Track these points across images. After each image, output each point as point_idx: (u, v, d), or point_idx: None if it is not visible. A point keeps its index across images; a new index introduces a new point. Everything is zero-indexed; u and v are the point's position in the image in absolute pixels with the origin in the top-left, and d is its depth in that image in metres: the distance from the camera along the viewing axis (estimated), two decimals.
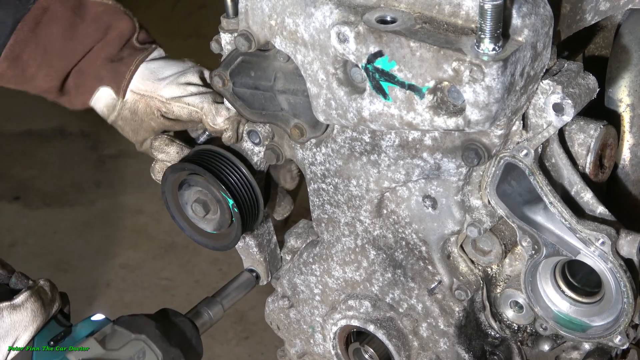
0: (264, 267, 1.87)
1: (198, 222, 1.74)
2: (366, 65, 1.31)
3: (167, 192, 1.75)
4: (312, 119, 1.48)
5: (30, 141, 5.10)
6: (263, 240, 1.84)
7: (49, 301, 1.53)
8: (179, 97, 1.73)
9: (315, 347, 1.82)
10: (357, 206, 1.56)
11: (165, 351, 1.54)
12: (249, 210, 1.68)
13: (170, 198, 1.75)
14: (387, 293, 1.63)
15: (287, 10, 1.39)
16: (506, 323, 1.59)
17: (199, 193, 1.70)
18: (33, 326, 1.49)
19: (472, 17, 1.25)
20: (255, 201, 1.67)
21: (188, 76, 1.76)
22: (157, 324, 1.57)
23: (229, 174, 1.65)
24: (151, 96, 1.75)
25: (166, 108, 1.74)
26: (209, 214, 1.71)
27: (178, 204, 1.75)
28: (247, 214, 1.67)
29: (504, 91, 1.22)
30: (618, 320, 1.42)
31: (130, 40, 1.78)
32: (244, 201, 1.66)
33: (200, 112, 1.71)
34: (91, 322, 1.57)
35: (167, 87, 1.74)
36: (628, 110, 1.54)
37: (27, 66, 1.73)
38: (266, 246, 1.85)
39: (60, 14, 1.72)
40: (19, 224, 4.45)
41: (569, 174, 1.43)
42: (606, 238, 1.36)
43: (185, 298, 4.12)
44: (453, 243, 1.53)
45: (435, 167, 1.42)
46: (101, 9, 1.75)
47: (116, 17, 1.77)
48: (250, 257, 1.87)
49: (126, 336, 1.54)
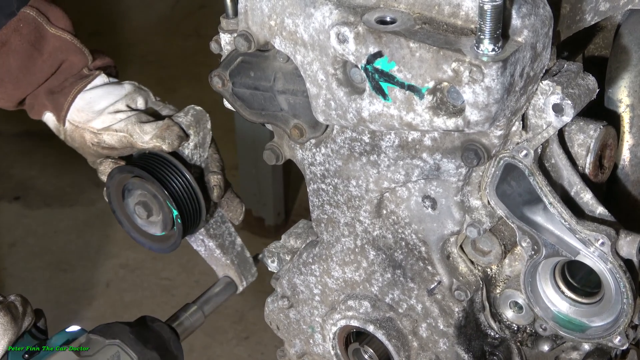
0: (234, 271, 1.88)
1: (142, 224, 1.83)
2: (366, 65, 1.31)
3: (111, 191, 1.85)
4: (311, 119, 1.48)
5: (30, 141, 5.10)
6: (224, 242, 1.87)
7: (20, 315, 1.57)
8: (107, 126, 1.83)
9: (315, 347, 1.82)
10: (356, 206, 1.57)
11: (140, 354, 1.57)
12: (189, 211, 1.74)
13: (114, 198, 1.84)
14: (387, 293, 1.63)
15: (287, 10, 1.39)
16: (506, 323, 1.59)
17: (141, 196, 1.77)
18: (4, 340, 1.53)
19: (472, 17, 1.25)
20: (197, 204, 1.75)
21: (117, 104, 1.86)
22: (132, 329, 1.63)
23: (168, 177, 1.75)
24: (83, 128, 1.86)
25: (97, 138, 1.85)
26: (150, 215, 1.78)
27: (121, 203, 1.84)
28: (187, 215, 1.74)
29: (504, 92, 1.22)
30: (618, 320, 1.42)
31: (75, 71, 1.89)
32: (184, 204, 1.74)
33: (127, 136, 1.79)
34: (66, 333, 1.61)
35: (98, 117, 1.85)
36: (628, 111, 1.54)
37: None
38: (230, 248, 1.88)
39: (18, 47, 1.83)
40: (19, 224, 4.45)
41: (568, 175, 1.43)
42: (606, 238, 1.36)
43: (185, 298, 4.11)
44: (453, 243, 1.53)
45: (434, 167, 1.42)
46: (58, 44, 1.87)
47: (70, 52, 1.88)
48: (218, 262, 1.89)
49: (100, 343, 1.58)
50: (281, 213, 4.66)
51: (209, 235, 1.85)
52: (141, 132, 1.77)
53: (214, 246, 1.86)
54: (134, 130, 1.78)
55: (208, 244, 1.88)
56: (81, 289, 4.00)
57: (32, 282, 4.06)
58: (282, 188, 4.64)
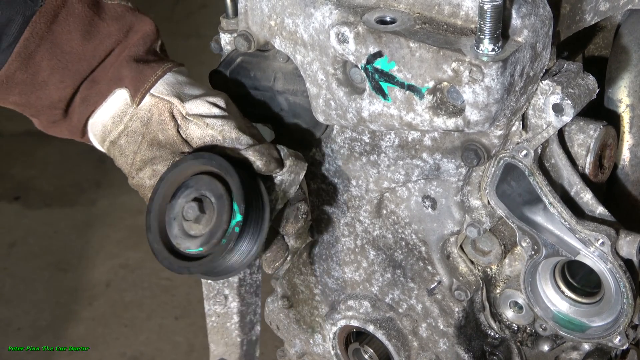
0: (237, 357, 1.55)
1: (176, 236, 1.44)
2: (366, 65, 1.31)
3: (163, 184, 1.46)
4: (311, 119, 1.48)
5: (30, 141, 5.10)
6: (246, 315, 1.53)
7: None
8: (201, 114, 1.48)
9: (315, 347, 1.82)
10: (356, 206, 1.57)
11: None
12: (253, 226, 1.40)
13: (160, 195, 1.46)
14: (387, 293, 1.63)
15: (287, 10, 1.39)
16: (506, 323, 1.59)
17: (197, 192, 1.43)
18: None
19: (472, 17, 1.25)
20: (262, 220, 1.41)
21: (217, 98, 1.51)
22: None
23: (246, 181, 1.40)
24: (172, 102, 1.49)
25: (183, 122, 1.49)
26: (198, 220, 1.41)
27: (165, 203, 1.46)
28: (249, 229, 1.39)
29: (504, 92, 1.22)
30: (617, 320, 1.42)
31: (154, 46, 1.57)
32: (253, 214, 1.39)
33: (218, 138, 1.47)
34: None
35: (193, 101, 1.49)
36: (628, 111, 1.54)
37: (39, 69, 1.49)
38: (248, 327, 1.55)
39: (78, 10, 1.50)
40: (19, 224, 4.45)
41: (568, 175, 1.43)
42: (606, 238, 1.36)
43: (185, 298, 4.12)
44: (453, 243, 1.53)
45: (434, 167, 1.42)
46: (120, 10, 1.54)
47: (138, 18, 1.56)
48: (224, 336, 1.55)
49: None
50: None
51: (239, 294, 1.51)
52: (236, 139, 1.45)
53: (235, 310, 1.52)
54: (229, 134, 1.45)
55: (230, 305, 1.52)
56: (81, 289, 3.99)
57: (32, 282, 4.06)
58: None
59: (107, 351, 3.58)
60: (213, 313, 1.55)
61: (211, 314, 1.56)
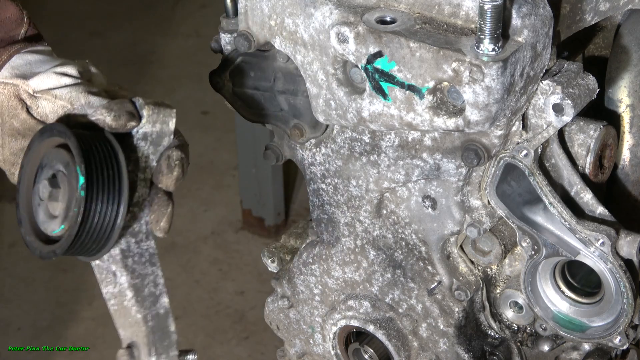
0: (143, 336, 1.40)
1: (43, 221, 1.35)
2: (366, 65, 1.31)
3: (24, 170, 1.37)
4: (311, 119, 1.48)
5: None
6: (143, 287, 1.40)
7: None
8: (48, 89, 1.40)
9: (315, 347, 1.82)
10: (356, 206, 1.57)
11: None
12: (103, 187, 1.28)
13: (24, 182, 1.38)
14: (387, 293, 1.63)
15: (287, 10, 1.39)
16: (506, 323, 1.59)
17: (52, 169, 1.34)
18: None
19: (472, 17, 1.25)
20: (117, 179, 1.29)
21: (67, 67, 1.42)
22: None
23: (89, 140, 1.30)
24: (16, 84, 1.40)
25: (32, 101, 1.40)
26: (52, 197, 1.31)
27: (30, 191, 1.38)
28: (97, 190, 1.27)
29: (504, 92, 1.22)
30: (618, 320, 1.42)
31: (15, 33, 1.49)
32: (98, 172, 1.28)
33: (68, 106, 1.39)
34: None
35: (38, 76, 1.40)
36: (628, 111, 1.54)
37: None
38: (148, 301, 1.41)
39: None
40: None
41: (568, 175, 1.43)
42: (606, 238, 1.36)
43: (185, 298, 4.11)
44: (453, 243, 1.53)
45: (434, 167, 1.42)
46: None
47: (1, 4, 1.47)
48: (126, 317, 1.41)
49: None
50: (281, 213, 4.65)
51: (125, 266, 1.36)
52: (86, 103, 1.37)
53: (126, 285, 1.37)
54: (77, 99, 1.37)
55: (119, 280, 1.38)
56: (81, 289, 3.99)
57: (32, 282, 4.06)
58: (282, 188, 4.63)
59: (107, 351, 3.57)
60: (110, 295, 1.42)
61: (109, 297, 1.42)
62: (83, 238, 1.29)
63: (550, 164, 1.44)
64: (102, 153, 1.29)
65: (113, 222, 1.30)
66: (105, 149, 1.30)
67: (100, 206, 1.28)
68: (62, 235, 1.29)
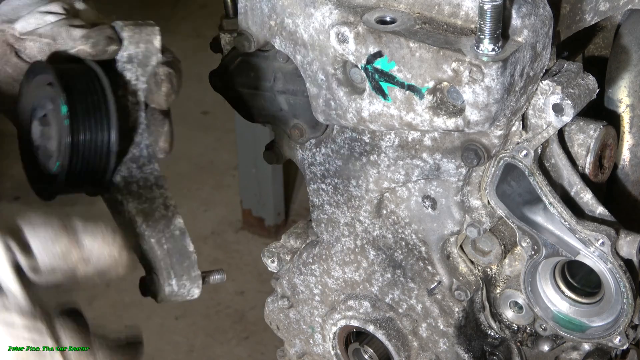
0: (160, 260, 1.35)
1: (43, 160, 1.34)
2: (366, 65, 1.31)
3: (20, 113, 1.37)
4: (311, 119, 1.48)
5: None
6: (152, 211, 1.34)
7: None
8: (33, 30, 1.38)
9: (315, 347, 1.82)
10: (356, 206, 1.57)
11: None
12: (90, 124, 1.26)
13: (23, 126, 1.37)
14: (387, 293, 1.63)
15: (287, 10, 1.39)
16: (506, 323, 1.59)
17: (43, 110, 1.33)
18: None
19: (472, 17, 1.25)
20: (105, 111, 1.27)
21: (51, 5, 1.40)
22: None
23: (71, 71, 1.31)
24: (2, 30, 1.39)
25: (19, 45, 1.39)
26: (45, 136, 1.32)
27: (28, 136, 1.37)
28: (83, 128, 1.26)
29: (504, 92, 1.22)
30: (618, 320, 1.42)
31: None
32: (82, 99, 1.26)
33: (51, 42, 1.37)
34: None
35: (22, 19, 1.39)
36: (628, 111, 1.54)
37: None
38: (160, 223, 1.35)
39: None
40: None
41: (568, 175, 1.43)
42: (606, 238, 1.36)
43: None
44: (453, 243, 1.53)
45: (434, 167, 1.42)
46: None
47: None
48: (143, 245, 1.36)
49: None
50: (281, 213, 4.66)
51: (130, 192, 1.33)
52: (68, 36, 1.35)
53: (134, 211, 1.33)
54: (59, 34, 1.35)
55: (128, 207, 1.34)
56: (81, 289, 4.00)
57: None
58: (282, 188, 4.64)
59: None
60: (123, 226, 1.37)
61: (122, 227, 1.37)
62: (79, 168, 1.28)
63: (550, 164, 1.44)
64: (85, 81, 1.29)
65: (107, 148, 1.28)
66: (88, 77, 1.29)
67: (89, 133, 1.27)
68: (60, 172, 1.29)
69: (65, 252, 1.15)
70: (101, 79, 1.30)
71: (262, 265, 1.90)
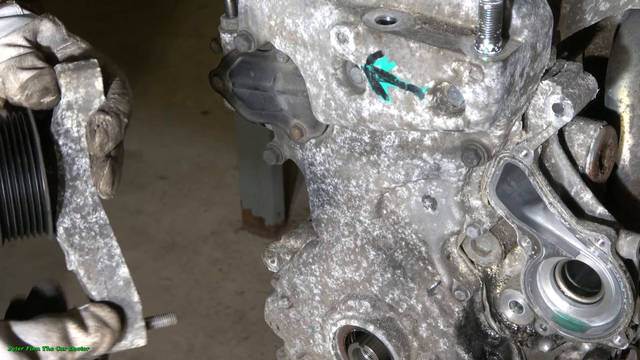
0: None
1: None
2: (366, 65, 1.31)
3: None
4: (311, 119, 1.48)
5: None
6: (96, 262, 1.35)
7: None
8: None
9: (315, 347, 1.82)
10: (356, 206, 1.57)
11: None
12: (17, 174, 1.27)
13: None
14: (387, 293, 1.63)
15: (287, 10, 1.39)
16: (506, 323, 1.59)
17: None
18: None
19: (472, 17, 1.25)
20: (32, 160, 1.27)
21: (12, 36, 1.35)
22: None
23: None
24: None
25: None
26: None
27: None
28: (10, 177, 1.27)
29: (504, 92, 1.22)
30: (618, 320, 1.42)
31: None
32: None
33: (2, 89, 1.33)
34: None
35: None
36: (628, 111, 1.54)
37: None
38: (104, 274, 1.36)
39: None
40: None
41: (568, 175, 1.43)
42: (606, 238, 1.36)
43: (185, 298, 4.12)
44: (453, 243, 1.53)
45: (434, 167, 1.42)
46: None
47: None
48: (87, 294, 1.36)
49: None
50: (281, 213, 4.66)
51: (72, 245, 1.32)
52: (15, 79, 1.30)
53: (77, 263, 1.33)
54: (7, 77, 1.31)
55: (71, 259, 1.34)
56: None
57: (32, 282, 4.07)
58: (282, 188, 4.64)
59: None
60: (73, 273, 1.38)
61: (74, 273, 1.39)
62: (13, 218, 1.28)
63: (550, 164, 1.44)
64: (15, 132, 1.28)
65: (40, 196, 1.28)
66: (20, 129, 1.28)
67: (16, 181, 1.26)
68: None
69: None
70: (32, 130, 1.28)
71: (262, 265, 1.90)
